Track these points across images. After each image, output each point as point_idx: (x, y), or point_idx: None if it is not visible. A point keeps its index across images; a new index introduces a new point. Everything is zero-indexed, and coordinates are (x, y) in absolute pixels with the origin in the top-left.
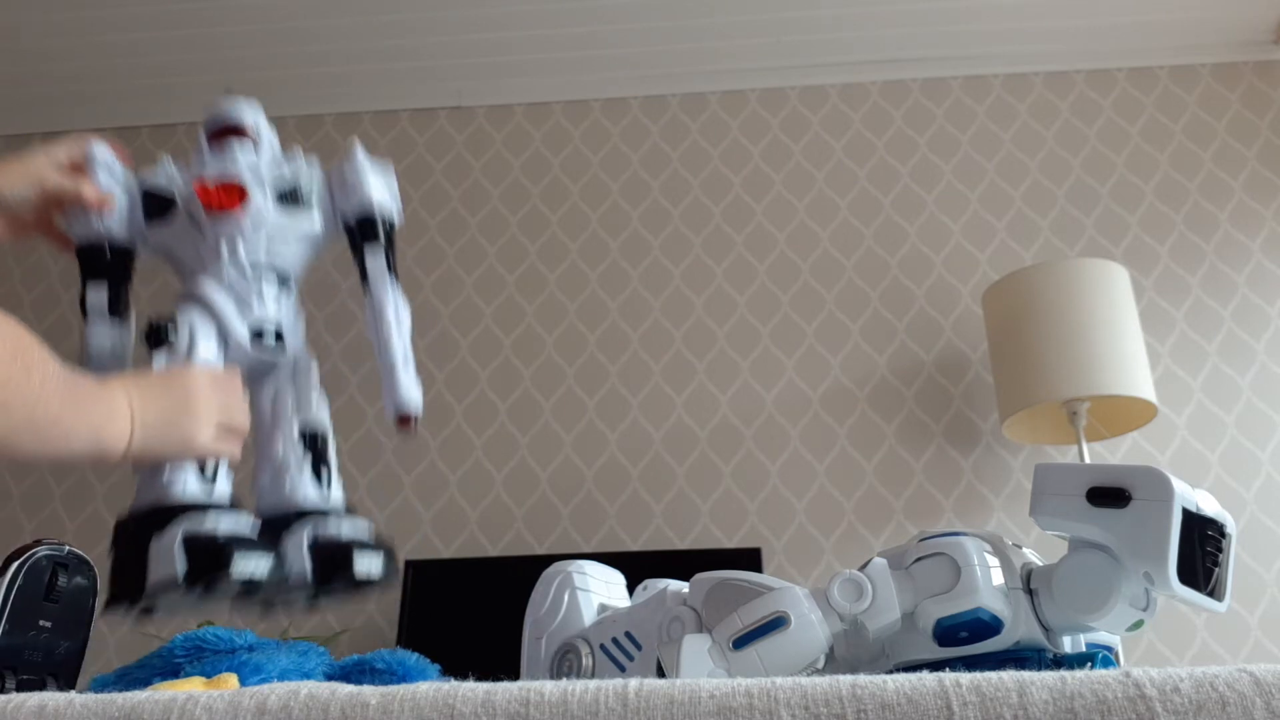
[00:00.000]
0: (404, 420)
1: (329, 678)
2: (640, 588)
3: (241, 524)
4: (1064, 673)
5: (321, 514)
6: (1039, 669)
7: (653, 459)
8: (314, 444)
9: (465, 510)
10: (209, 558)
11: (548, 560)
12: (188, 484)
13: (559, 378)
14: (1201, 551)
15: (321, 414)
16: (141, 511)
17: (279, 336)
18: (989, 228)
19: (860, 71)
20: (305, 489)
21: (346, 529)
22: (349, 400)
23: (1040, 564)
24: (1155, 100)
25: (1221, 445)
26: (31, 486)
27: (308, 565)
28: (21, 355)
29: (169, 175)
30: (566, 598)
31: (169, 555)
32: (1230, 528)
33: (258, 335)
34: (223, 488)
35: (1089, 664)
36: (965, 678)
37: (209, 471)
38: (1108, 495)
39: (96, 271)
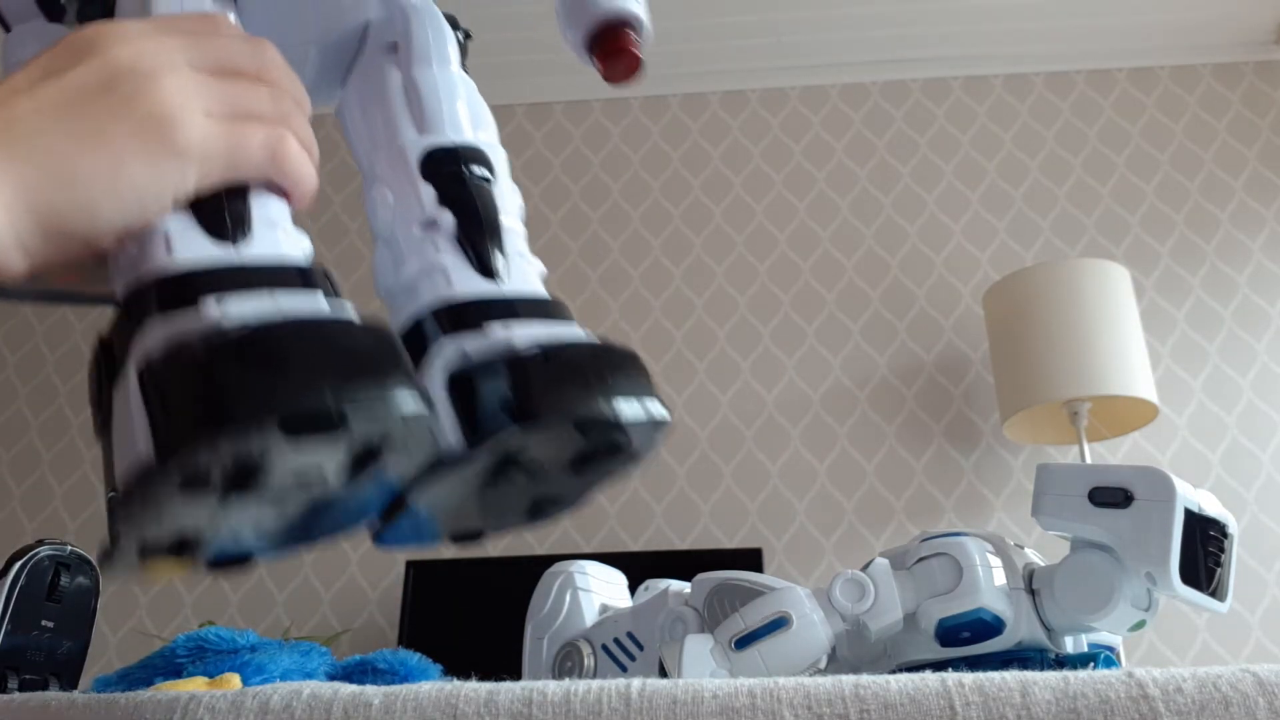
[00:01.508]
0: (614, 37)
1: (331, 678)
2: (641, 588)
3: (308, 304)
4: (1067, 673)
5: (492, 310)
6: (1041, 669)
7: (653, 459)
8: (454, 180)
9: None
10: (208, 395)
11: (548, 560)
12: (174, 246)
13: None
14: (1203, 552)
15: (474, 117)
16: (107, 334)
17: None
18: (989, 228)
19: (861, 72)
20: (447, 269)
21: (559, 334)
22: None
23: (1042, 564)
24: (1156, 100)
25: (1222, 446)
26: (32, 486)
27: (488, 404)
28: None
29: None
30: (568, 598)
31: (125, 417)
32: (1232, 528)
33: None
34: (270, 246)
35: (1091, 664)
36: (968, 678)
37: (229, 220)
38: (1109, 495)
39: None
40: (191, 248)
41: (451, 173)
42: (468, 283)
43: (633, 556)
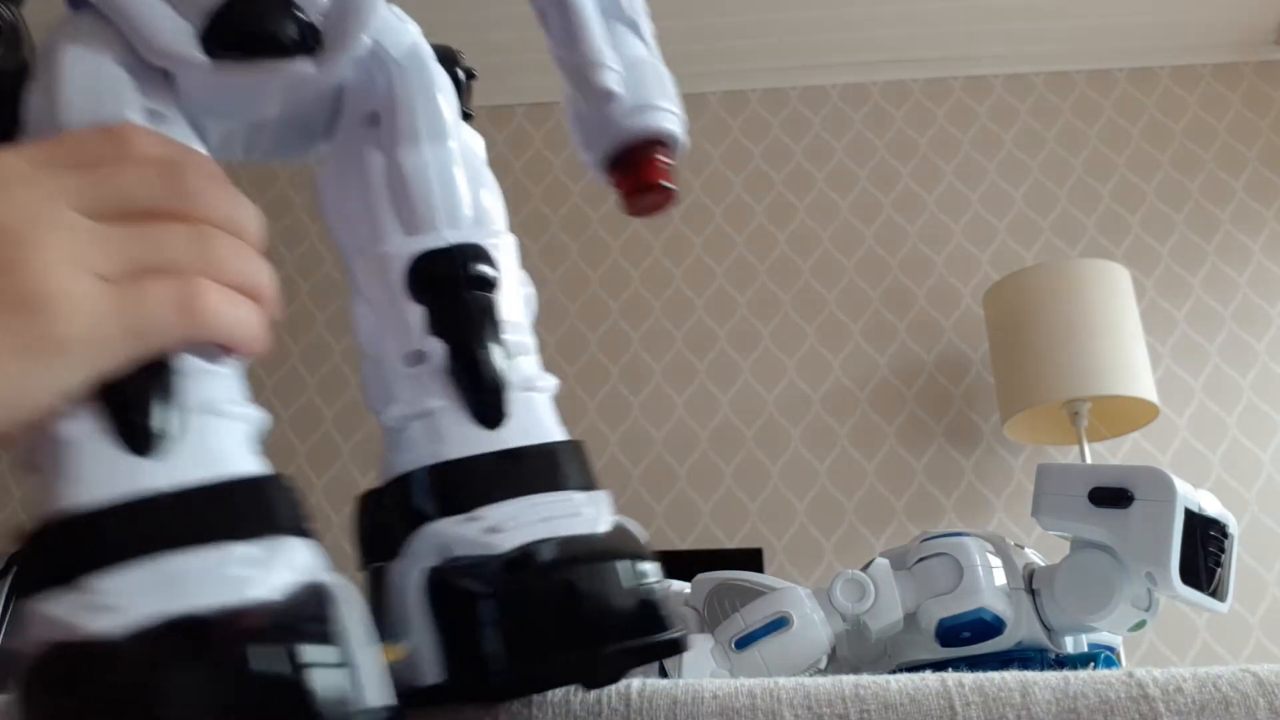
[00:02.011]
0: (643, 164)
1: None
2: None
3: (223, 585)
4: (1067, 673)
5: (487, 482)
6: (1041, 669)
7: (654, 459)
8: (448, 294)
9: None
10: None
11: None
12: (67, 469)
13: (560, 378)
14: (1204, 552)
15: (477, 198)
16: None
17: (299, 21)
18: (990, 228)
19: (861, 72)
20: (437, 420)
21: (560, 519)
22: (353, 399)
23: (1042, 564)
24: (1156, 100)
25: (1223, 445)
26: (33, 487)
27: (478, 642)
28: None
29: None
30: None
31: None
32: (1232, 528)
33: (232, 35)
34: (200, 458)
35: (1091, 664)
36: (968, 678)
37: (146, 419)
38: (1110, 495)
39: None
40: (91, 473)
41: (445, 284)
42: (461, 438)
43: None
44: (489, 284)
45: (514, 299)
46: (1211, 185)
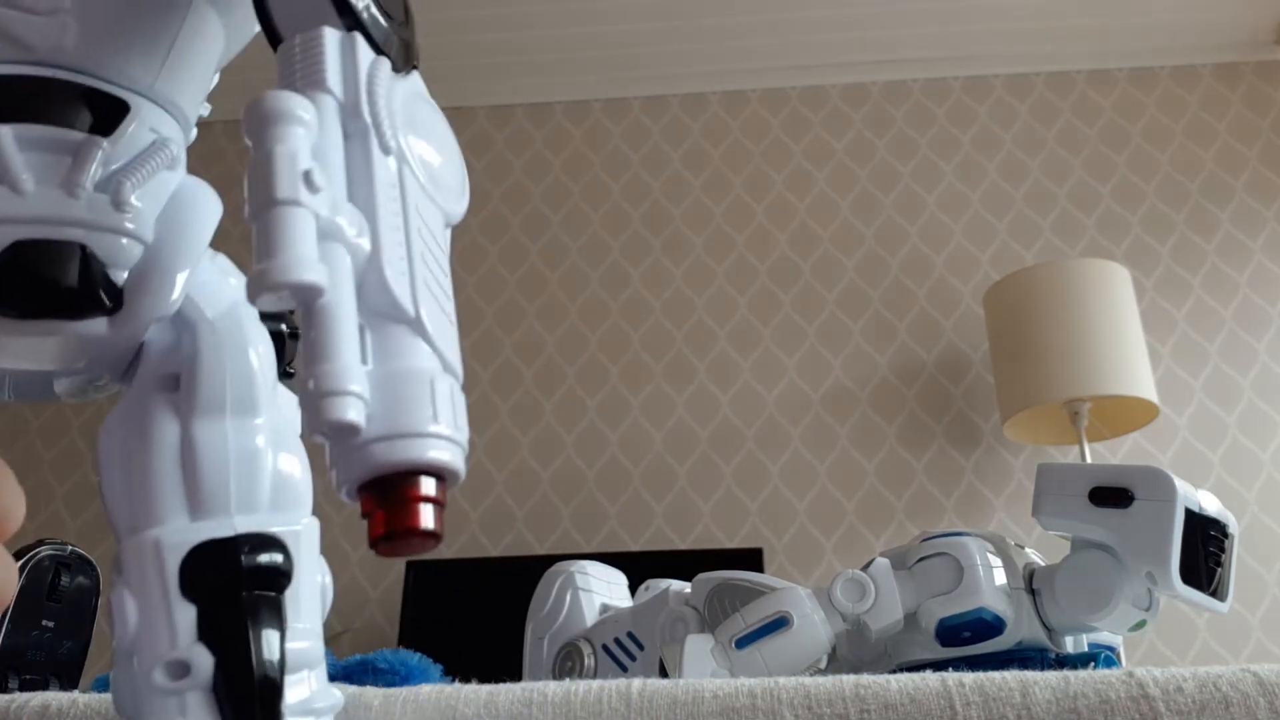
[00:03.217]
0: (398, 500)
1: (332, 678)
2: (642, 588)
3: None
4: (1067, 673)
5: None
6: (1042, 669)
7: (654, 459)
8: (225, 594)
9: (466, 510)
10: None
11: (549, 561)
12: None
13: (560, 378)
14: (1204, 552)
15: (282, 486)
16: None
17: (96, 277)
18: (990, 228)
19: (861, 72)
20: None
21: None
22: None
23: (1042, 564)
24: (1156, 100)
25: (1223, 445)
26: (33, 487)
27: None
28: None
29: None
30: (568, 598)
31: None
32: (1233, 528)
33: (9, 292)
34: None
35: (1091, 664)
36: (968, 677)
37: None
38: (1110, 495)
39: None
40: None
41: (223, 582)
42: None
43: (633, 556)
44: (278, 580)
45: (309, 598)
46: (1211, 185)
